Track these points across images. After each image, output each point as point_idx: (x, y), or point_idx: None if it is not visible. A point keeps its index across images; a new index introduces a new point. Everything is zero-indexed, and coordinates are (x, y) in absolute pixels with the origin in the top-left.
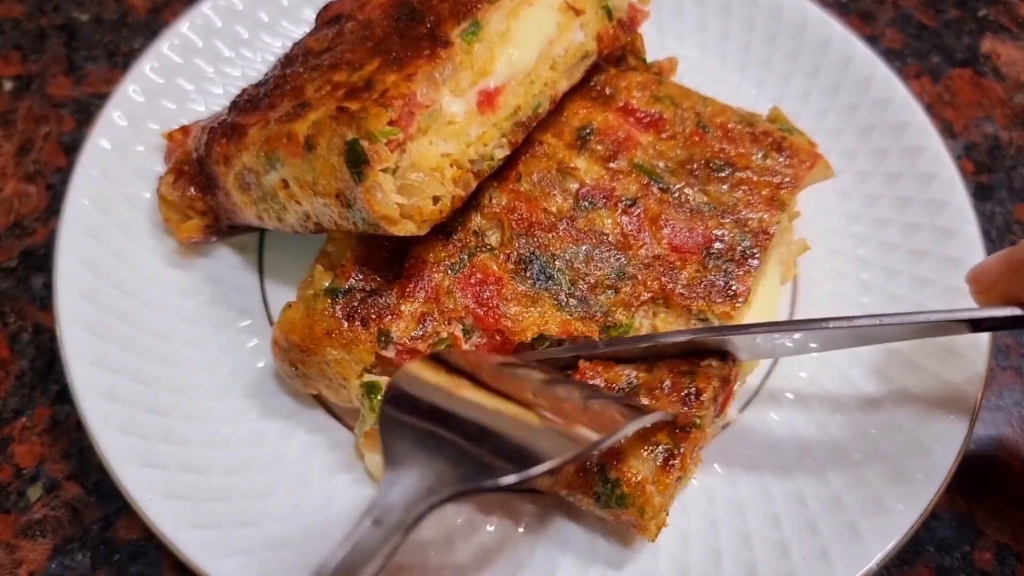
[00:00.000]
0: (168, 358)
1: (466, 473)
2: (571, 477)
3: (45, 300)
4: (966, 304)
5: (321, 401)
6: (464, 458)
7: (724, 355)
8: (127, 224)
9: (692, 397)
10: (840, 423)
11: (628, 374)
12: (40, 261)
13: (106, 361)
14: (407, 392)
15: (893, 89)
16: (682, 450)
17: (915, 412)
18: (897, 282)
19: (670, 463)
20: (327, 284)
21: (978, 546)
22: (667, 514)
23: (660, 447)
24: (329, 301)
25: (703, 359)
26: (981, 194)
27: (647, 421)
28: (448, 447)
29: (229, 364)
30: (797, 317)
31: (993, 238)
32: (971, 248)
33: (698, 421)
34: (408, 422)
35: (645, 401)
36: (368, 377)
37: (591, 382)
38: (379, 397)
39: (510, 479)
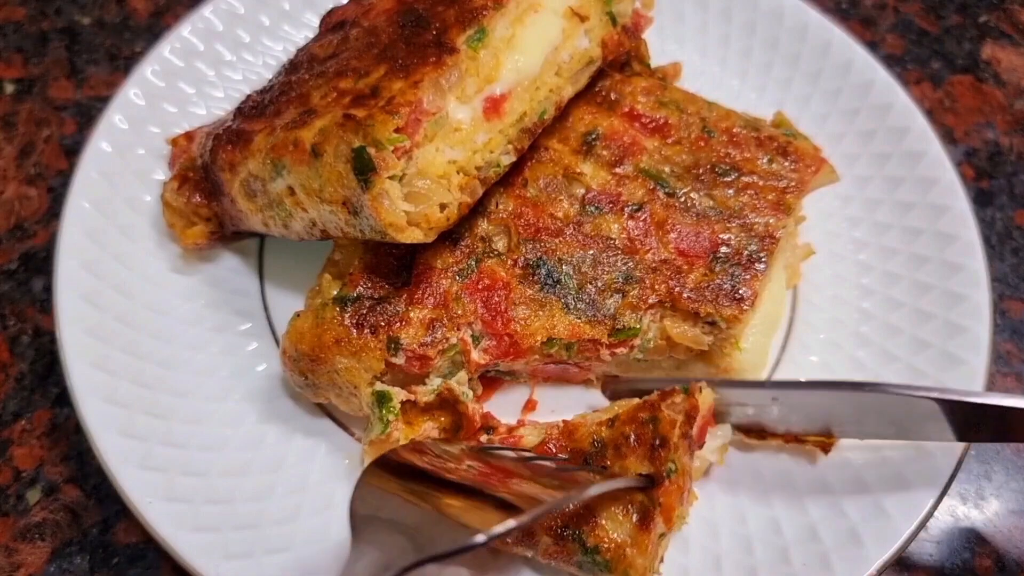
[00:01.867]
0: (168, 361)
1: (425, 543)
2: (550, 547)
3: (45, 303)
4: (966, 308)
5: (321, 405)
6: (426, 529)
7: (687, 386)
8: (128, 227)
9: (659, 446)
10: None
11: (592, 435)
12: (41, 264)
13: (106, 363)
14: (384, 470)
15: (893, 94)
16: (660, 502)
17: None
18: (897, 286)
19: (647, 522)
20: (335, 293)
21: (978, 552)
22: (660, 563)
23: (635, 505)
24: (338, 310)
25: (665, 398)
26: (981, 200)
27: (614, 485)
28: (413, 519)
29: (229, 367)
30: (797, 322)
31: (993, 244)
32: (971, 253)
33: (672, 466)
34: (381, 496)
35: (613, 458)
36: (380, 386)
37: (559, 455)
38: (389, 407)
39: (475, 539)
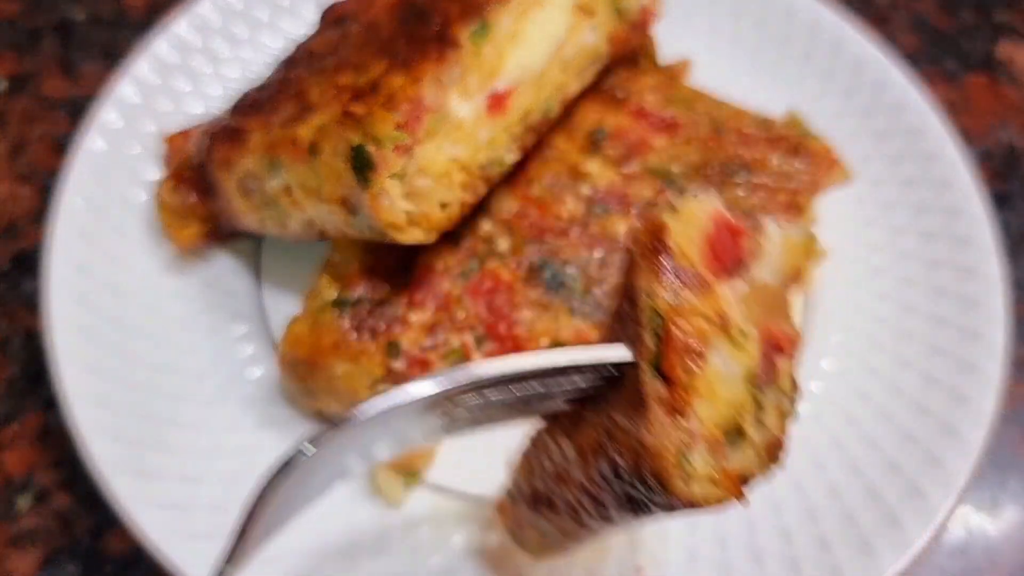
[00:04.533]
0: (162, 365)
1: None
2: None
3: (37, 304)
4: (982, 313)
5: (319, 411)
6: None
7: None
8: (121, 227)
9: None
10: (854, 437)
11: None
12: (32, 264)
13: (98, 367)
14: None
15: (908, 94)
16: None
17: (930, 426)
18: (911, 291)
19: (638, 399)
20: (334, 295)
21: (993, 563)
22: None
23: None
24: (336, 313)
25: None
26: (997, 202)
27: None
28: None
29: (224, 372)
30: (809, 325)
31: (1009, 247)
32: (986, 257)
33: (656, 319)
34: None
35: None
36: (382, 388)
37: None
38: None
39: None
